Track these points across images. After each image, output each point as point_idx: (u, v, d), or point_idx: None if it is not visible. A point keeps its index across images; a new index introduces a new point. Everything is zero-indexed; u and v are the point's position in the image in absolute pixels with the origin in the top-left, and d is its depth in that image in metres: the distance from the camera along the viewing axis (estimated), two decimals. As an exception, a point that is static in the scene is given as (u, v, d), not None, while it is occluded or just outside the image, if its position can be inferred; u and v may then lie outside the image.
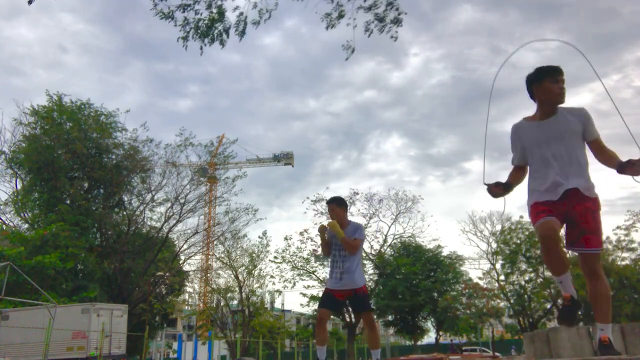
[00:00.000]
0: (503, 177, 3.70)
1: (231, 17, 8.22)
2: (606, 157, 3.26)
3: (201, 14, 8.01)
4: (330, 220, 5.05)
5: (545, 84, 3.40)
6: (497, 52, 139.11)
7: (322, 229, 5.06)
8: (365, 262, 38.01)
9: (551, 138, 3.34)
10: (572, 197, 3.22)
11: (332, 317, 44.84)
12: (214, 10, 7.97)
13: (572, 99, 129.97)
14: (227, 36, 8.15)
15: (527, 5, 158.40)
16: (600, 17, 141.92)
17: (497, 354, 27.79)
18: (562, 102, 3.39)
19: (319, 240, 36.37)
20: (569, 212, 3.24)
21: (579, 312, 3.33)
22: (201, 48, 8.22)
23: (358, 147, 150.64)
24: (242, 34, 8.14)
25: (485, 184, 3.54)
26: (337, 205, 5.09)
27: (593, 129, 3.31)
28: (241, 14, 8.12)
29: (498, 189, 3.55)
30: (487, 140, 3.73)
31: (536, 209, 3.32)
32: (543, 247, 3.26)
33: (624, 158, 3.17)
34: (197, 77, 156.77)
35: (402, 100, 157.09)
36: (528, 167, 3.56)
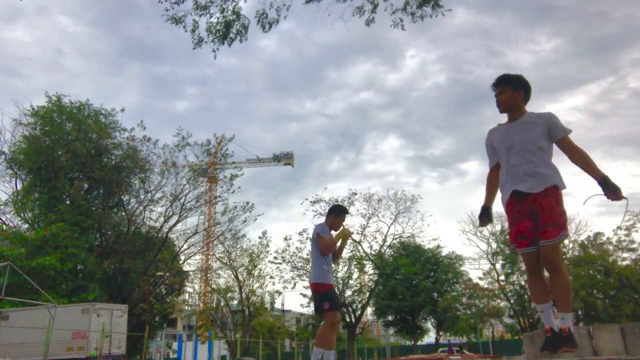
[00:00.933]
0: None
1: (248, 15, 8.24)
2: (577, 159, 3.40)
3: (217, 18, 7.99)
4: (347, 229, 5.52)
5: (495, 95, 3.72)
6: (493, 54, 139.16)
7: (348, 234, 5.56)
8: (365, 262, 38.04)
9: (514, 138, 3.53)
10: (533, 195, 3.41)
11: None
12: (229, 12, 7.96)
13: (568, 101, 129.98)
14: (246, 31, 8.13)
15: (521, 7, 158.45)
16: (593, 20, 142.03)
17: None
18: (500, 110, 3.67)
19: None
20: (533, 208, 3.42)
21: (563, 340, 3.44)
22: (214, 51, 8.19)
23: (355, 148, 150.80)
24: (268, 25, 8.14)
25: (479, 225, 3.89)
26: None
27: (558, 128, 3.46)
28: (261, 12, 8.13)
29: (485, 221, 3.87)
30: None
31: (512, 224, 3.55)
32: (527, 275, 3.66)
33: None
34: (194, 78, 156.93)
35: (399, 102, 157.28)
36: None
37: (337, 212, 5.41)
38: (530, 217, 3.41)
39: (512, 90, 3.58)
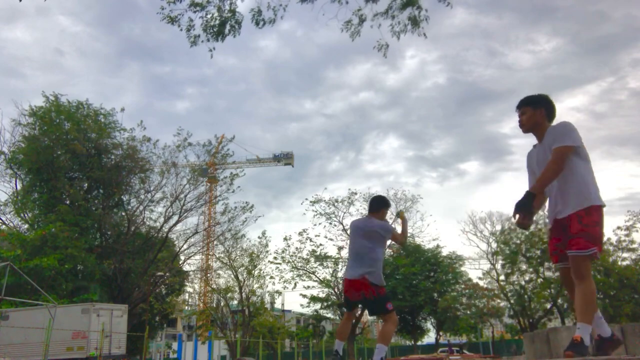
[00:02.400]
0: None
1: (244, 13, 8.24)
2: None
3: (212, 15, 7.98)
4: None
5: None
6: (492, 54, 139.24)
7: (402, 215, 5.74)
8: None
9: (542, 159, 3.51)
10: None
11: (331, 317, 44.50)
12: (226, 11, 7.95)
13: (568, 101, 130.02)
14: (239, 27, 8.12)
15: (521, 8, 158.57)
16: (593, 20, 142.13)
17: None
18: (523, 131, 3.68)
19: (318, 241, 36.54)
20: (564, 223, 3.40)
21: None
22: (210, 50, 8.18)
23: (355, 148, 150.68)
24: (262, 22, 8.14)
25: (515, 223, 3.60)
26: None
27: (556, 139, 3.37)
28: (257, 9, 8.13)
29: (528, 220, 3.47)
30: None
31: (549, 239, 3.62)
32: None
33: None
34: (194, 78, 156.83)
35: (399, 102, 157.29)
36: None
37: (387, 204, 5.39)
38: (562, 230, 3.42)
39: (532, 109, 3.59)
